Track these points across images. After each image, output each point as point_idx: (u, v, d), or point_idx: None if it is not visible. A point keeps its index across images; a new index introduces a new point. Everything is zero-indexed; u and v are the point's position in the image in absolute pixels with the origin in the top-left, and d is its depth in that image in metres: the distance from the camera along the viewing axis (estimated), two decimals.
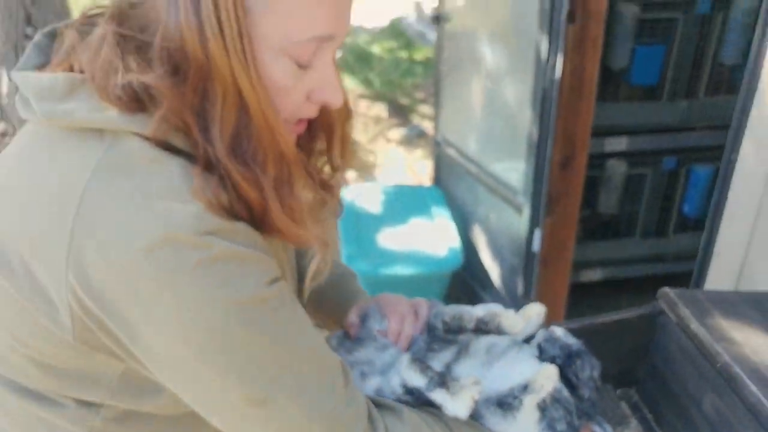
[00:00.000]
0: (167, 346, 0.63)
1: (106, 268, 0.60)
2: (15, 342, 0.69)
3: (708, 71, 2.49)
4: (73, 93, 0.63)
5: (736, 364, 0.88)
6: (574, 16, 1.92)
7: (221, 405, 0.67)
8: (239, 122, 0.63)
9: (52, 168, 0.64)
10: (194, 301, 0.61)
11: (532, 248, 2.28)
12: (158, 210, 0.60)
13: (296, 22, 0.63)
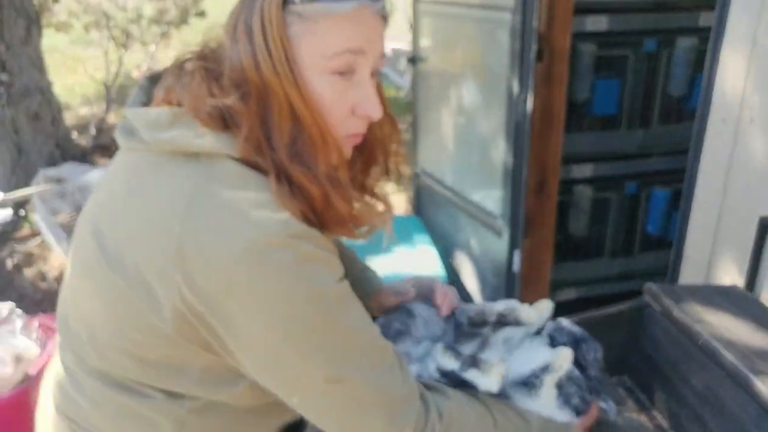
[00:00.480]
0: (259, 334, 0.74)
1: (209, 268, 0.71)
2: (118, 335, 0.80)
3: (659, 102, 2.73)
4: (175, 123, 0.77)
5: (714, 339, 1.04)
6: (542, 56, 2.12)
7: (303, 384, 0.78)
8: (294, 130, 0.76)
9: (160, 186, 0.77)
10: (284, 294, 0.72)
11: (513, 269, 2.44)
12: (253, 218, 0.72)
13: (329, 40, 0.77)
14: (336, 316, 0.76)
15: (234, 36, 0.77)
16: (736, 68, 1.23)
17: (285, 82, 0.75)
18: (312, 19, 0.76)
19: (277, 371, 0.78)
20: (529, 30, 2.04)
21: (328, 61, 0.77)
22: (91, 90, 7.41)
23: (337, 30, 0.77)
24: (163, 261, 0.73)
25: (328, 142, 0.78)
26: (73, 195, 4.37)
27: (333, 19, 0.76)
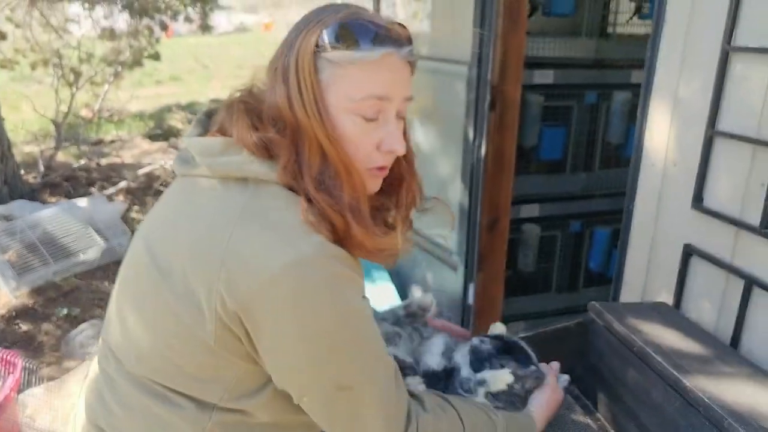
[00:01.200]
0: (285, 341, 0.83)
1: (251, 276, 0.79)
2: (162, 344, 0.87)
3: (600, 148, 3.00)
4: (227, 151, 0.87)
5: (647, 346, 1.21)
6: (495, 105, 2.33)
7: (316, 388, 0.86)
8: (321, 164, 0.85)
9: (212, 204, 0.87)
10: (314, 309, 0.80)
11: (468, 301, 2.60)
12: (294, 237, 0.81)
13: (357, 85, 0.85)
14: (356, 332, 0.85)
15: (273, 78, 0.87)
16: (662, 119, 1.44)
17: (314, 122, 0.84)
18: (342, 65, 0.84)
19: (293, 374, 0.86)
20: (484, 82, 2.25)
21: (356, 104, 0.85)
22: (36, 127, 7.31)
23: (364, 76, 0.85)
24: (210, 270, 0.81)
25: (352, 176, 0.86)
26: (23, 232, 4.30)
27: (361, 65, 0.84)
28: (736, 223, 1.25)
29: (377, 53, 0.84)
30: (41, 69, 7.96)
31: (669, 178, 1.43)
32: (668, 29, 1.38)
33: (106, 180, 5.83)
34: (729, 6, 1.22)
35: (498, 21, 2.14)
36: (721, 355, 1.23)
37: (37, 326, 3.73)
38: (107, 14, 7.66)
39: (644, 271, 1.55)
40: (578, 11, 2.92)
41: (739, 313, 1.27)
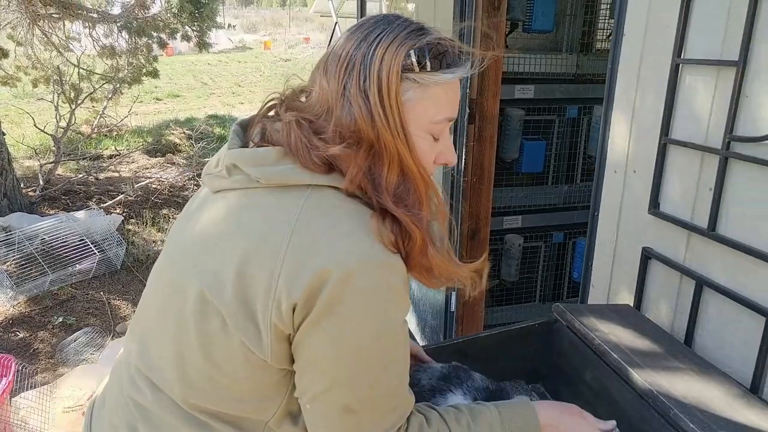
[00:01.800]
0: (317, 340, 0.80)
1: (307, 274, 0.77)
2: (212, 367, 0.84)
3: (581, 162, 3.07)
4: (281, 160, 0.85)
5: (604, 343, 1.27)
6: (474, 119, 2.41)
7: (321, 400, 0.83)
8: (400, 180, 0.84)
9: (265, 212, 0.83)
10: (357, 315, 0.79)
11: (450, 309, 2.65)
12: (355, 240, 0.79)
13: (438, 108, 0.86)
14: (386, 353, 0.83)
15: (345, 96, 0.84)
16: (622, 129, 1.52)
17: (398, 140, 0.83)
18: (428, 86, 0.84)
19: (312, 377, 0.83)
20: (463, 96, 2.33)
21: (434, 125, 0.87)
22: (36, 143, 7.41)
23: (445, 97, 0.87)
24: (268, 268, 0.79)
25: (430, 194, 0.87)
26: (21, 243, 4.37)
27: (443, 86, 0.85)
28: (688, 226, 1.32)
29: (455, 75, 0.86)
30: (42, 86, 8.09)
31: (629, 185, 1.50)
32: (626, 44, 1.46)
33: (104, 194, 5.90)
34: (678, 22, 1.29)
35: (475, 37, 2.22)
36: (675, 351, 1.29)
37: (34, 334, 3.79)
38: (107, 33, 7.80)
39: (609, 274, 1.61)
40: (558, 28, 3.02)
41: (691, 312, 1.33)
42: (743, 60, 1.14)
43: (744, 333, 1.23)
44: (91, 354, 3.58)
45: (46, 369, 3.44)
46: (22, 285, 4.11)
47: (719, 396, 1.15)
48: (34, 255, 4.26)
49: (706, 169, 1.27)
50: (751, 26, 1.13)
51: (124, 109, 7.83)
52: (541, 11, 2.71)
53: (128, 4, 7.85)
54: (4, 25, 7.19)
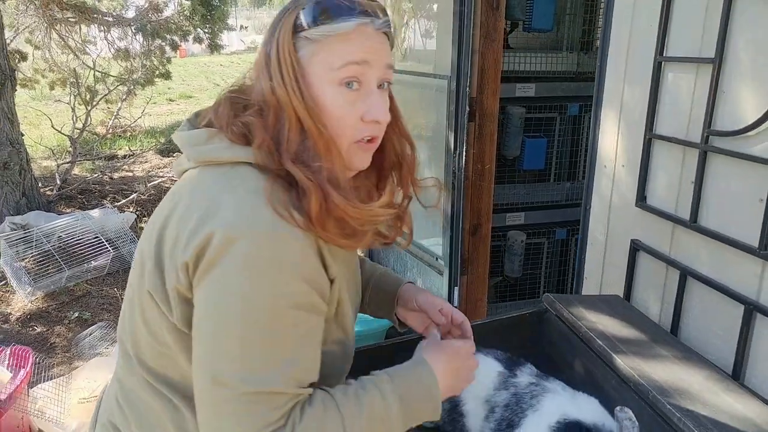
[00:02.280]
0: (201, 303, 0.81)
1: (201, 239, 0.80)
2: (149, 335, 0.89)
3: (582, 159, 3.11)
4: (211, 140, 0.90)
5: (591, 332, 1.32)
6: (474, 116, 2.46)
7: (197, 364, 0.83)
8: (301, 140, 0.86)
9: (194, 189, 0.88)
10: (236, 283, 0.79)
11: (453, 303, 2.70)
12: (243, 209, 0.81)
13: (336, 55, 0.86)
14: (254, 337, 0.80)
15: (258, 66, 0.91)
16: (611, 124, 1.56)
17: (294, 98, 0.85)
18: (320, 40, 0.87)
19: (196, 341, 0.84)
20: (463, 95, 2.38)
21: (336, 72, 0.87)
22: (52, 143, 7.56)
23: (342, 45, 0.87)
24: (174, 238, 0.84)
25: (331, 150, 0.87)
26: (39, 241, 4.49)
27: (337, 37, 0.87)
28: (672, 218, 1.37)
29: (353, 24, 0.87)
30: (59, 88, 8.25)
31: (618, 179, 1.55)
32: (613, 43, 1.51)
33: (118, 193, 6.02)
34: (659, 21, 1.34)
35: (475, 37, 2.28)
36: (659, 339, 1.34)
37: (50, 328, 3.90)
38: (122, 36, 7.94)
39: (600, 265, 1.66)
40: (559, 27, 3.06)
41: (676, 302, 1.38)
42: (719, 57, 1.19)
43: (725, 321, 1.28)
44: (105, 348, 3.68)
45: (62, 362, 3.54)
46: (40, 281, 4.22)
47: (700, 381, 1.19)
48: (51, 252, 4.37)
49: (687, 163, 1.32)
50: (726, 24, 1.17)
51: (137, 110, 7.96)
52: (541, 10, 2.75)
53: (142, 7, 7.99)
54: (23, 30, 7.35)
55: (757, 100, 1.14)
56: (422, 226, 2.95)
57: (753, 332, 1.21)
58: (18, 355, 2.70)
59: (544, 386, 1.15)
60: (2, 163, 5.04)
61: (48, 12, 7.24)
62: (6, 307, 4.10)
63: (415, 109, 2.90)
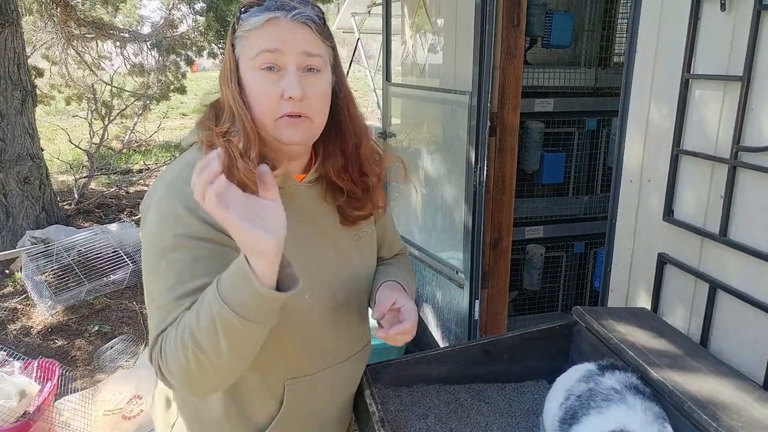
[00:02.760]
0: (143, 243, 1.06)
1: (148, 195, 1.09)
2: None
3: (600, 173, 3.14)
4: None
5: (621, 343, 1.34)
6: (495, 131, 2.50)
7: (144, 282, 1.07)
8: (231, 123, 1.06)
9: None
10: (147, 231, 1.05)
11: (474, 317, 2.73)
12: (166, 177, 1.08)
13: (252, 45, 1.04)
14: (150, 271, 1.04)
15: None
16: (637, 140, 1.59)
17: (228, 90, 1.05)
18: (244, 36, 1.04)
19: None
20: (484, 110, 2.42)
21: (253, 60, 1.04)
22: (68, 158, 7.66)
23: (257, 38, 1.03)
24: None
25: (247, 131, 1.04)
26: (59, 254, 4.55)
27: (252, 31, 1.04)
28: (700, 232, 1.39)
29: (262, 19, 1.03)
30: (74, 103, 8.37)
31: (644, 194, 1.58)
32: (639, 60, 1.54)
33: (135, 207, 6.09)
34: (687, 39, 1.38)
35: (496, 53, 2.32)
36: (690, 352, 1.36)
37: (71, 342, 3.95)
38: (137, 52, 8.07)
39: (627, 279, 1.68)
40: (577, 43, 3.10)
41: (706, 314, 1.40)
42: (747, 75, 1.22)
43: (756, 333, 1.30)
44: (126, 361, 3.71)
45: (84, 375, 3.58)
46: (60, 295, 4.28)
47: (732, 391, 1.21)
48: (71, 266, 4.43)
49: (716, 178, 1.35)
50: (754, 44, 1.20)
51: (151, 124, 8.07)
52: (559, 27, 2.80)
53: (157, 23, 8.11)
54: (40, 46, 7.48)
55: None
56: (441, 240, 2.99)
57: None
58: (45, 367, 2.75)
59: (624, 396, 1.14)
60: (23, 178, 5.13)
61: (66, 28, 7.38)
62: (27, 321, 4.15)
63: (435, 123, 2.95)
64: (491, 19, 2.29)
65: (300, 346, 1.17)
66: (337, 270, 1.20)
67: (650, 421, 1.10)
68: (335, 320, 1.22)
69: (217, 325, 0.90)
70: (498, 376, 1.52)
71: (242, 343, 0.93)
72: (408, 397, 1.44)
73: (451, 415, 1.40)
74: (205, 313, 0.91)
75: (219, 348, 0.91)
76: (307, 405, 1.23)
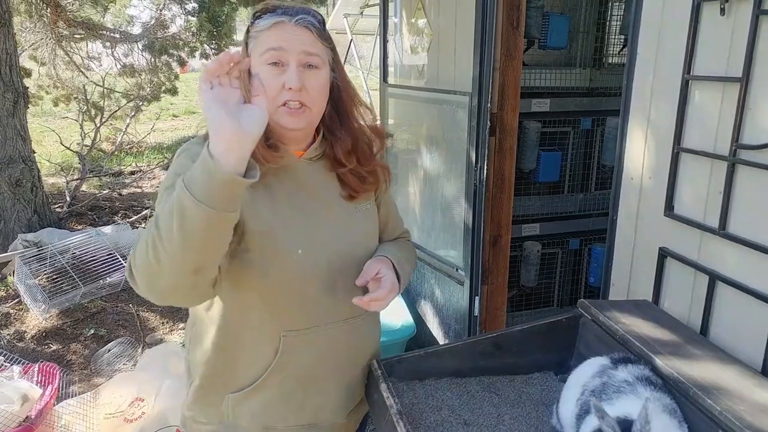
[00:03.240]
0: None
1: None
2: None
3: (595, 171, 3.21)
4: None
5: (627, 334, 1.40)
6: (495, 131, 2.55)
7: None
8: None
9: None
10: (167, 173, 1.22)
11: (474, 313, 2.78)
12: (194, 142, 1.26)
13: (261, 44, 1.22)
14: (171, 171, 1.22)
15: None
16: (638, 139, 1.65)
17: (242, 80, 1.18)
18: (255, 36, 1.24)
19: None
20: (484, 110, 2.47)
21: (263, 56, 1.22)
22: (58, 160, 7.62)
23: (265, 38, 1.23)
24: None
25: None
26: (53, 258, 4.54)
27: (262, 32, 1.23)
28: (700, 226, 1.45)
29: (270, 22, 1.22)
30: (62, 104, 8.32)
31: (645, 190, 1.64)
32: (640, 61, 1.60)
33: (129, 209, 6.08)
34: (687, 41, 1.44)
35: (496, 55, 2.37)
36: (691, 341, 1.42)
37: (66, 346, 3.94)
38: (127, 52, 8.04)
39: (628, 272, 1.74)
40: (572, 45, 3.17)
41: (705, 305, 1.46)
42: (746, 77, 1.28)
43: (754, 322, 1.36)
44: (124, 364, 3.71)
45: (81, 380, 3.57)
46: (54, 298, 4.26)
47: (733, 377, 1.27)
48: (65, 269, 4.42)
49: (715, 175, 1.41)
50: (753, 47, 1.27)
51: (141, 125, 8.04)
52: (556, 29, 2.86)
53: (148, 23, 8.09)
54: (28, 47, 7.43)
55: None
56: (441, 238, 3.03)
57: None
58: (46, 371, 2.75)
59: (635, 388, 1.20)
60: (15, 181, 5.11)
61: (56, 29, 7.34)
62: (21, 325, 4.13)
63: (433, 124, 2.99)
64: (491, 21, 2.34)
65: (295, 302, 1.30)
66: (333, 235, 1.33)
67: (659, 411, 1.15)
68: (332, 284, 1.33)
69: (174, 207, 0.98)
70: (507, 369, 1.57)
71: (192, 228, 0.98)
72: (421, 390, 1.48)
73: (464, 407, 1.44)
74: (170, 200, 1.00)
75: (172, 232, 0.98)
76: (302, 359, 1.33)
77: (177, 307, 4.48)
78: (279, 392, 1.34)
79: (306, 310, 1.31)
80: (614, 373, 1.26)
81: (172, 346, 3.40)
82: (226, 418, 1.36)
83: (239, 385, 1.34)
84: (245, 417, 1.35)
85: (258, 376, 1.33)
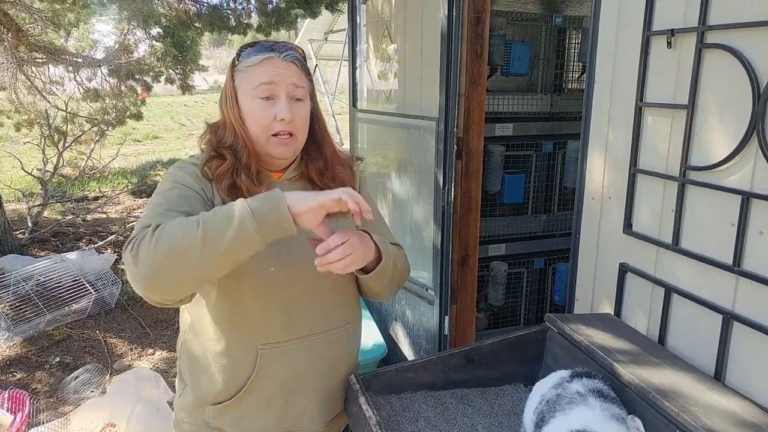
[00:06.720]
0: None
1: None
2: None
3: (558, 193, 3.33)
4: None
5: (591, 345, 1.48)
6: (461, 155, 2.65)
7: None
8: (233, 139, 1.37)
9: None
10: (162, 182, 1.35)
11: (444, 332, 2.85)
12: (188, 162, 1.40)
13: (252, 79, 1.33)
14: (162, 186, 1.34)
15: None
16: (598, 161, 1.76)
17: (230, 113, 1.35)
18: (243, 70, 1.35)
19: None
20: (451, 135, 2.57)
21: (253, 90, 1.33)
22: (20, 185, 7.47)
23: (255, 72, 1.33)
24: None
25: (247, 146, 1.36)
26: (17, 285, 4.46)
27: (253, 66, 1.33)
28: (656, 242, 1.56)
29: (260, 57, 1.33)
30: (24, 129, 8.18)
31: (605, 209, 1.74)
32: (597, 88, 1.72)
33: (94, 235, 6.00)
34: (638, 72, 1.55)
35: (461, 82, 2.48)
36: (650, 349, 1.51)
37: (31, 374, 3.86)
38: (90, 76, 7.96)
39: (591, 288, 1.84)
40: (533, 71, 3.31)
41: (662, 316, 1.56)
42: (692, 104, 1.40)
43: (706, 330, 1.46)
44: (91, 392, 3.65)
45: (48, 408, 3.50)
46: (18, 326, 4.18)
47: (689, 382, 1.36)
48: (29, 296, 4.35)
49: (668, 194, 1.52)
50: (697, 77, 1.38)
51: (105, 150, 7.95)
52: (518, 56, 3.00)
53: (111, 48, 8.05)
54: None
55: (725, 139, 1.35)
56: (410, 259, 3.08)
57: (730, 338, 1.39)
58: (15, 398, 2.72)
59: (586, 399, 1.27)
60: None
61: (17, 53, 7.24)
62: None
63: (402, 148, 3.08)
64: (456, 50, 2.45)
65: (269, 316, 1.37)
66: (306, 251, 1.33)
67: (607, 418, 1.24)
68: (310, 297, 1.41)
69: (235, 224, 1.11)
70: (479, 381, 1.64)
71: (236, 248, 1.12)
72: (398, 403, 1.54)
73: (439, 418, 1.50)
74: (223, 213, 1.13)
75: (222, 242, 1.10)
76: (280, 371, 1.39)
77: (145, 333, 4.43)
78: (259, 402, 1.40)
79: (281, 323, 1.38)
80: (569, 386, 1.34)
81: (143, 371, 3.37)
82: (209, 423, 1.44)
83: (220, 398, 1.40)
84: (226, 423, 1.42)
85: (238, 389, 1.39)
